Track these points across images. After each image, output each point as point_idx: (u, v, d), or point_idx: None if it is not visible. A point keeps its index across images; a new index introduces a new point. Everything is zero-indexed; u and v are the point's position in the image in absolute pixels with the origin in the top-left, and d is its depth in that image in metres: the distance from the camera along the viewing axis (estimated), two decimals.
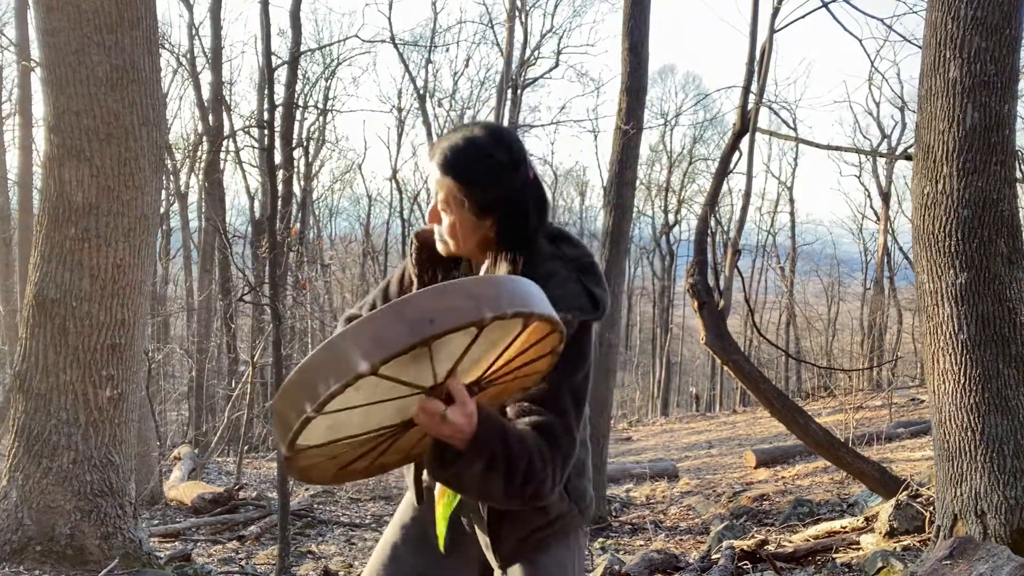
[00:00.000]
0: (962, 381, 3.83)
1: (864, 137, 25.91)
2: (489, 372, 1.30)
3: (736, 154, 7.87)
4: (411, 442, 1.41)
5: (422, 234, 1.68)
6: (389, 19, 38.58)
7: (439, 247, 1.61)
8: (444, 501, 1.64)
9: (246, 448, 12.04)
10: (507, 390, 1.41)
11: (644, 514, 8.53)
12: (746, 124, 7.48)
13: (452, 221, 1.55)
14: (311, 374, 1.10)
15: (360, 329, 1.08)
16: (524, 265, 1.53)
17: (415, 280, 1.68)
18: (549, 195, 1.65)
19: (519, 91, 20.04)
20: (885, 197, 22.74)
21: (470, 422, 1.25)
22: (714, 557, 5.33)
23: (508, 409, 1.46)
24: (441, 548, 1.67)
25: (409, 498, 1.77)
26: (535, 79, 21.96)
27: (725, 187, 15.67)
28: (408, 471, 1.70)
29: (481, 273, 1.58)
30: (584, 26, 48.19)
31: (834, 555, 5.00)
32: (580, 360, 1.49)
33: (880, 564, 4.24)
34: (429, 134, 21.36)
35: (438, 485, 1.62)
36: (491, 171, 1.52)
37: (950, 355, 3.86)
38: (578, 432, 1.49)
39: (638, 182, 12.45)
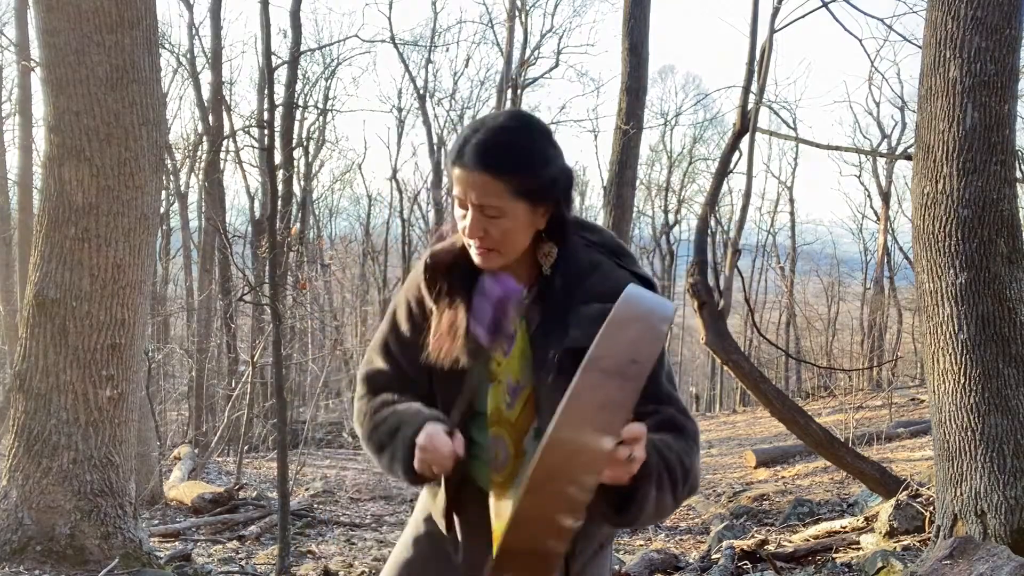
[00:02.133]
0: (962, 381, 3.83)
1: (864, 137, 25.90)
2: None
3: (736, 154, 7.88)
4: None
5: (438, 255, 1.52)
6: (389, 19, 38.71)
7: (486, 262, 1.44)
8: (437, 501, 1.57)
9: (246, 448, 12.04)
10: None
11: None
12: (746, 124, 7.48)
13: (504, 226, 1.40)
14: (553, 486, 0.97)
15: (575, 407, 0.97)
16: (570, 258, 1.46)
17: (435, 310, 1.52)
18: None
19: (519, 91, 20.03)
20: (885, 197, 22.74)
21: (644, 452, 1.18)
22: (714, 557, 5.33)
23: None
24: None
25: (419, 527, 1.66)
26: (535, 79, 21.97)
27: (725, 187, 15.68)
28: (436, 502, 1.58)
29: (545, 264, 1.47)
30: (584, 26, 48.19)
31: (834, 555, 5.00)
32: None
33: (880, 564, 4.24)
34: (429, 134, 21.38)
35: (496, 507, 1.51)
36: (542, 155, 1.39)
37: (950, 355, 3.86)
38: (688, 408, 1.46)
39: (638, 182, 12.45)
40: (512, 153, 1.37)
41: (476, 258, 1.45)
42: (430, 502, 1.63)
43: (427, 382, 1.56)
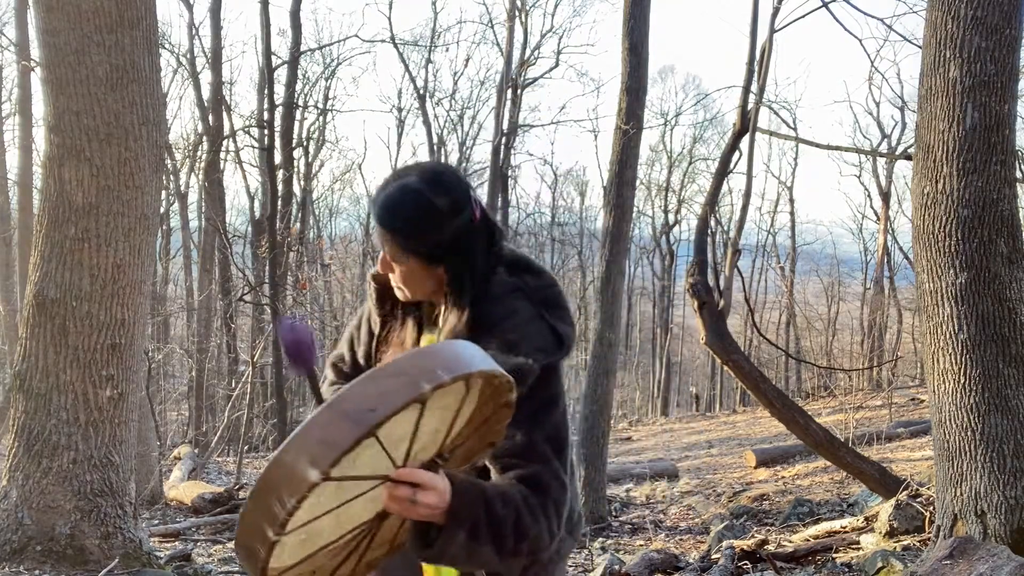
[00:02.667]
0: (962, 381, 3.83)
1: (864, 137, 25.92)
2: (450, 439, 1.27)
3: (736, 154, 7.88)
4: (392, 531, 1.37)
5: (380, 277, 1.61)
6: (389, 19, 38.64)
7: (397, 294, 1.56)
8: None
9: (246, 448, 12.04)
10: (475, 449, 1.37)
11: (644, 514, 8.53)
12: (746, 124, 7.48)
13: (403, 273, 1.50)
14: (265, 496, 1.06)
15: (302, 436, 1.05)
16: (480, 306, 1.48)
17: (378, 323, 1.65)
18: (497, 230, 1.58)
19: (519, 91, 20.03)
20: (885, 197, 22.74)
21: (443, 498, 1.22)
22: (714, 557, 5.33)
23: (490, 466, 1.42)
24: None
25: None
26: (535, 79, 21.95)
27: (725, 187, 15.68)
28: None
29: (441, 317, 1.54)
30: (584, 26, 48.25)
31: (834, 555, 5.00)
32: (551, 402, 1.45)
33: (880, 564, 4.24)
34: (429, 134, 21.39)
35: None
36: (432, 220, 1.44)
37: (950, 355, 3.86)
38: (566, 474, 1.45)
39: (638, 182, 12.46)
40: (403, 216, 1.44)
41: (394, 288, 1.57)
42: None
43: None
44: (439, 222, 1.44)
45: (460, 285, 1.48)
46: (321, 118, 21.84)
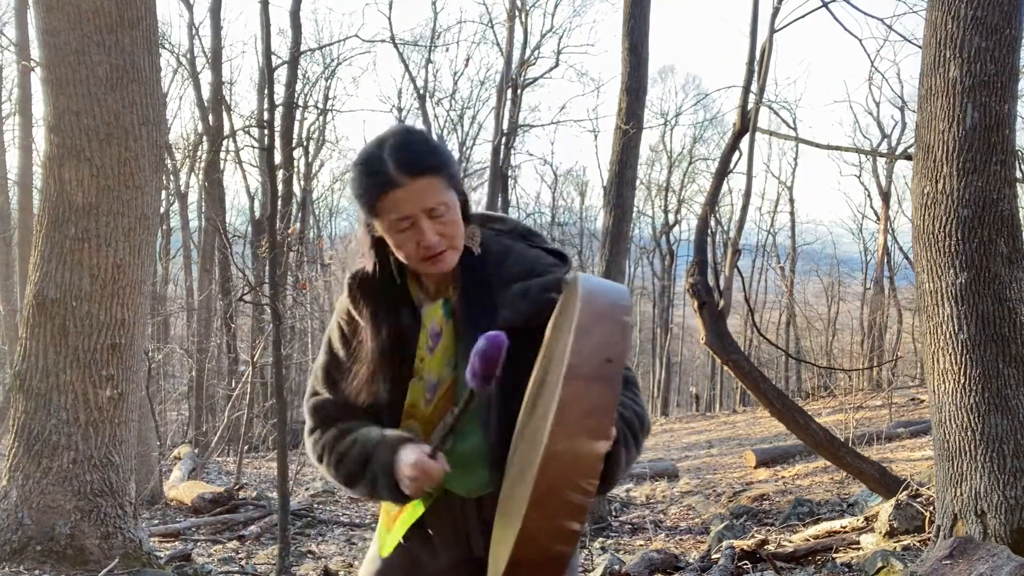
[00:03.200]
0: (962, 381, 3.83)
1: (864, 137, 25.93)
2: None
3: (736, 154, 7.88)
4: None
5: (361, 273, 1.57)
6: (389, 19, 38.54)
7: (446, 262, 1.48)
8: (407, 512, 1.61)
9: (246, 448, 12.04)
10: None
11: (644, 514, 8.53)
12: (746, 124, 7.48)
13: (453, 219, 1.46)
14: (553, 498, 0.99)
15: (565, 421, 0.99)
16: (475, 256, 1.53)
17: (370, 321, 1.56)
18: None
19: (519, 91, 20.03)
20: (885, 197, 22.74)
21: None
22: (714, 557, 5.33)
23: None
24: (384, 554, 1.64)
25: (382, 541, 1.69)
26: (535, 79, 21.94)
27: (725, 187, 15.68)
28: (405, 516, 1.62)
29: (475, 243, 1.55)
30: (584, 26, 48.21)
31: (834, 555, 5.00)
32: None
33: (880, 564, 4.24)
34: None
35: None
36: (445, 147, 1.50)
37: (950, 355, 3.86)
38: None
39: (638, 182, 12.45)
40: (434, 151, 1.46)
41: (430, 267, 1.49)
42: (388, 519, 1.67)
43: (371, 401, 1.60)
44: (448, 150, 1.50)
45: (469, 213, 1.54)
46: (321, 118, 21.86)
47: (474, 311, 1.50)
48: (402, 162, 1.41)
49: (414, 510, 1.60)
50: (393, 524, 1.63)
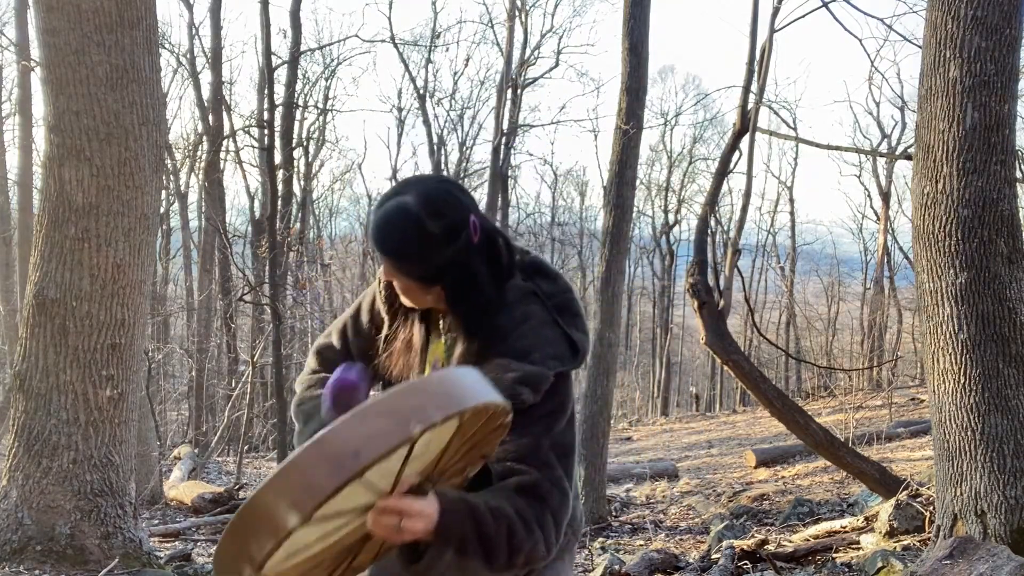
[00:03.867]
0: (962, 381, 3.83)
1: (864, 137, 25.93)
2: (442, 463, 1.25)
3: (736, 154, 7.88)
4: (379, 541, 1.34)
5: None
6: (389, 19, 38.52)
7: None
8: None
9: (246, 448, 12.04)
10: (469, 462, 1.35)
11: (644, 514, 8.53)
12: (746, 124, 7.48)
13: (402, 288, 1.50)
14: (242, 534, 1.02)
15: (283, 478, 1.00)
16: (493, 314, 1.46)
17: (386, 320, 1.62)
18: (503, 243, 1.53)
19: (519, 91, 20.03)
20: (885, 197, 22.74)
21: (430, 520, 1.22)
22: (714, 557, 5.33)
23: (492, 468, 1.40)
24: None
25: None
26: (535, 79, 21.93)
27: (725, 187, 15.67)
28: None
29: (446, 327, 1.55)
30: (584, 26, 48.21)
31: (834, 555, 5.00)
32: (560, 411, 1.44)
33: (880, 564, 4.24)
34: (429, 134, 21.38)
35: None
36: (424, 246, 1.40)
37: (950, 355, 3.86)
38: (568, 482, 1.43)
39: (638, 182, 12.45)
40: (394, 240, 1.41)
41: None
42: None
43: (371, 373, 1.65)
44: (431, 248, 1.40)
45: (460, 304, 1.47)
46: (321, 118, 21.85)
47: (465, 362, 1.48)
48: (372, 226, 1.44)
49: None
50: None
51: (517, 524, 1.33)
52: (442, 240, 1.40)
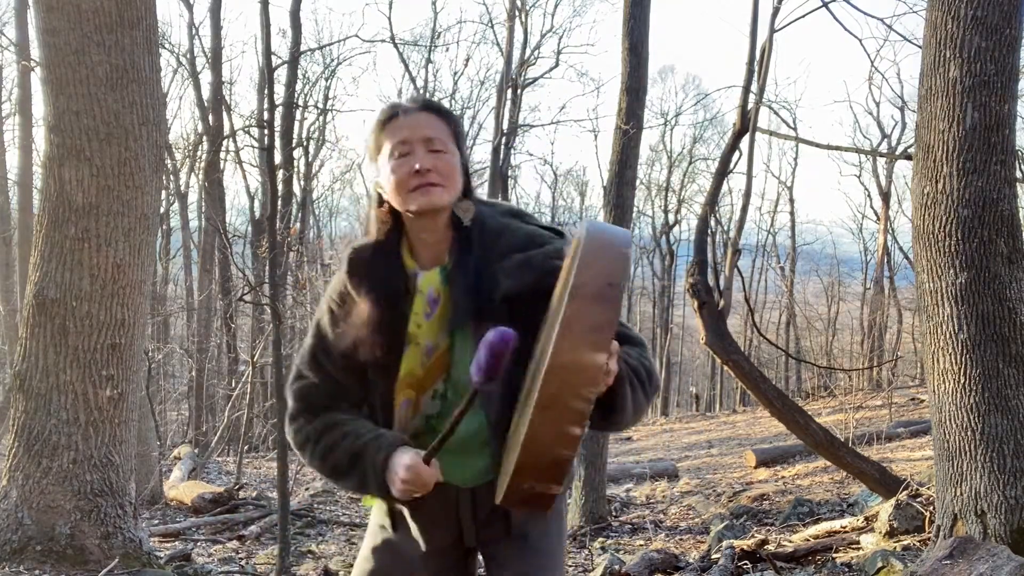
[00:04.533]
0: (962, 381, 3.82)
1: (864, 137, 25.93)
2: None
3: (736, 154, 7.88)
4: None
5: (361, 249, 1.61)
6: (389, 19, 38.46)
7: (434, 197, 1.51)
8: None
9: (246, 448, 12.04)
10: None
11: (644, 514, 8.53)
12: (746, 124, 7.48)
13: (450, 159, 1.55)
14: (557, 403, 1.07)
15: (569, 333, 1.07)
16: (482, 219, 1.58)
17: (366, 289, 1.57)
18: None
19: (519, 91, 20.02)
20: (885, 197, 22.73)
21: None
22: (714, 557, 5.33)
23: None
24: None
25: (376, 538, 1.72)
26: (535, 79, 21.92)
27: (725, 187, 15.68)
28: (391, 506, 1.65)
29: (466, 216, 1.59)
30: (584, 26, 48.23)
31: (834, 555, 5.00)
32: None
33: (880, 564, 4.24)
34: None
35: None
36: (456, 115, 1.64)
37: (950, 355, 3.86)
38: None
39: (638, 182, 12.44)
40: (447, 108, 1.62)
41: (422, 198, 1.52)
42: (381, 510, 1.69)
43: (359, 385, 1.62)
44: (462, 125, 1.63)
45: (469, 187, 1.60)
46: (321, 118, 21.84)
47: (471, 278, 1.52)
48: (414, 99, 1.60)
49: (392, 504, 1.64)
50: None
51: (640, 357, 1.49)
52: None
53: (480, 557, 1.75)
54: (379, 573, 1.69)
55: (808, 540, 5.57)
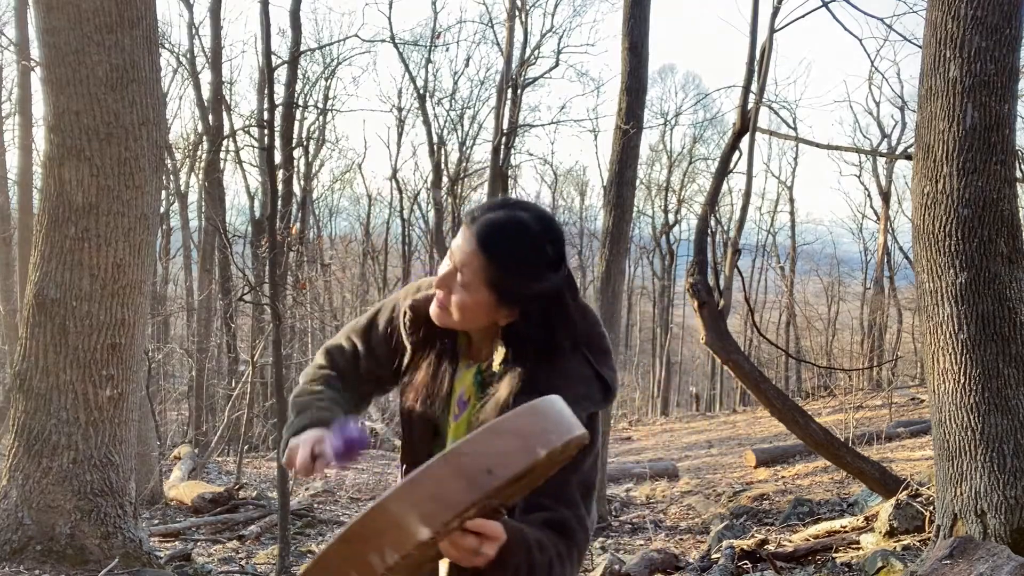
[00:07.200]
0: (962, 381, 3.83)
1: (864, 137, 25.91)
2: (517, 488, 1.24)
3: (736, 154, 7.87)
4: (426, 557, 1.34)
5: (417, 307, 1.55)
6: (389, 19, 38.62)
7: (437, 316, 1.47)
8: None
9: (246, 448, 12.04)
10: (520, 493, 1.35)
11: (644, 514, 8.53)
12: (746, 124, 7.48)
13: (467, 299, 1.42)
14: (361, 543, 1.00)
15: (413, 488, 0.99)
16: (543, 364, 1.43)
17: (408, 350, 1.58)
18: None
19: (519, 91, 20.02)
20: (885, 197, 22.74)
21: (499, 546, 1.21)
22: (714, 557, 5.34)
23: (518, 503, 1.40)
24: None
25: None
26: (535, 79, 21.90)
27: (725, 187, 15.67)
28: None
29: (495, 360, 1.48)
30: (584, 26, 48.32)
31: (834, 555, 5.00)
32: (589, 449, 1.41)
33: (880, 564, 4.24)
34: (429, 134, 21.36)
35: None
36: (533, 263, 1.38)
37: (950, 355, 3.86)
38: (589, 520, 1.45)
39: (638, 182, 12.45)
40: (506, 247, 1.38)
41: (431, 308, 1.48)
42: None
43: (372, 384, 1.68)
44: (540, 270, 1.39)
45: (528, 338, 1.43)
46: (321, 118, 21.85)
47: (490, 400, 1.46)
48: (481, 220, 1.40)
49: None
50: None
51: (555, 557, 1.35)
52: (551, 264, 1.39)
53: None
54: None
55: (808, 540, 5.57)
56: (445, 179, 21.64)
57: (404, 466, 1.62)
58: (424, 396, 1.56)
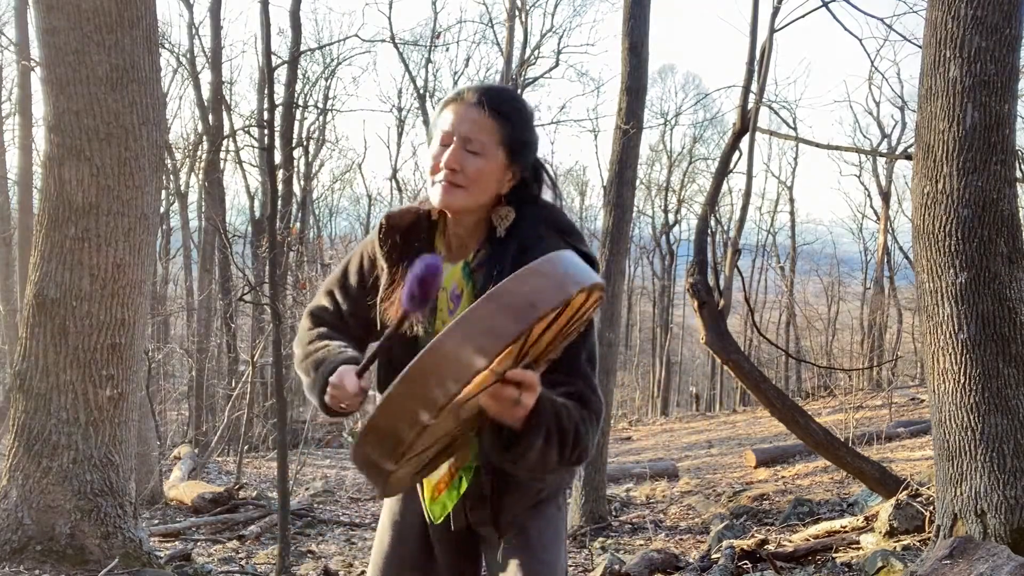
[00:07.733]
0: (962, 380, 3.82)
1: (864, 137, 25.94)
2: (542, 345, 1.31)
3: (736, 154, 7.87)
4: (453, 432, 1.41)
5: (393, 217, 1.62)
6: (389, 19, 38.69)
7: (445, 199, 1.51)
8: (447, 492, 1.65)
9: (246, 448, 12.04)
10: (539, 361, 1.42)
11: (644, 514, 8.53)
12: (746, 124, 7.48)
13: (481, 165, 1.49)
14: (422, 381, 1.06)
15: (466, 325, 1.06)
16: (524, 226, 1.53)
17: (385, 269, 1.62)
18: None
19: (519, 91, 20.02)
20: (885, 197, 22.75)
21: (535, 396, 1.29)
22: (714, 557, 5.33)
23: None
24: (436, 520, 1.69)
25: (395, 507, 1.79)
26: (535, 79, 21.92)
27: (725, 187, 15.67)
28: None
29: (501, 226, 1.56)
30: (584, 26, 48.40)
31: (834, 555, 5.00)
32: (589, 323, 1.50)
33: (880, 564, 4.24)
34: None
35: (438, 474, 1.64)
36: (529, 116, 1.54)
37: (950, 355, 3.86)
38: (601, 390, 1.55)
39: (638, 182, 12.45)
40: (511, 103, 1.52)
41: (438, 195, 1.51)
42: (431, 487, 1.72)
43: (362, 330, 1.70)
44: (531, 123, 1.55)
45: (523, 197, 1.55)
46: (321, 118, 21.86)
47: (492, 281, 1.51)
48: (479, 90, 1.51)
49: (461, 482, 1.65)
50: (438, 493, 1.67)
51: (579, 422, 1.43)
52: (532, 119, 1.55)
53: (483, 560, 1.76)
54: (390, 554, 1.76)
55: (808, 540, 5.57)
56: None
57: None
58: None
